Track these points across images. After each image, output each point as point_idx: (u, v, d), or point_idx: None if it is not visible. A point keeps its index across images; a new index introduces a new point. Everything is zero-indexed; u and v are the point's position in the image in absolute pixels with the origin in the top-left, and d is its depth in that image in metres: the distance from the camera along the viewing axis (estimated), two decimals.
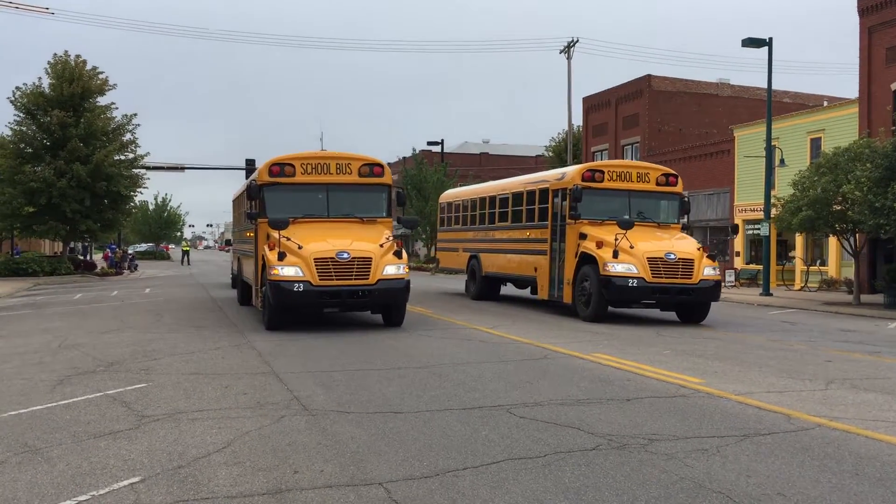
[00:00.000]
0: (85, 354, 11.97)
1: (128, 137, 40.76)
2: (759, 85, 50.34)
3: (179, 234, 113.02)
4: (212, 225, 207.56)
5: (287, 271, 14.00)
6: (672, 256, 16.40)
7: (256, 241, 16.12)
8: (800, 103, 47.40)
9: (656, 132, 47.30)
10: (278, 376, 9.86)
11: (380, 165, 16.33)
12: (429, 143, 57.79)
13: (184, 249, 72.79)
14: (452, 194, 28.79)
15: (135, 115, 41.18)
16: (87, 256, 53.38)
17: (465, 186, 28.76)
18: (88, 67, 39.74)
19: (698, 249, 16.96)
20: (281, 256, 14.07)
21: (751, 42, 29.60)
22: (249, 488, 5.44)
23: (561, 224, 18.48)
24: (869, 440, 6.70)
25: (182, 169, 53.45)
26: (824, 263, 34.87)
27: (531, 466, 5.90)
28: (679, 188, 19.01)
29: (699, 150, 41.16)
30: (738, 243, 37.91)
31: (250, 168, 43.66)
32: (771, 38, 29.59)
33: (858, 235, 26.24)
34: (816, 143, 34.81)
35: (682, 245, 17.06)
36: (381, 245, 14.62)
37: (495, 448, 6.41)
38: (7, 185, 37.49)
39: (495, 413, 7.69)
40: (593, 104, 52.83)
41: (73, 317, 18.46)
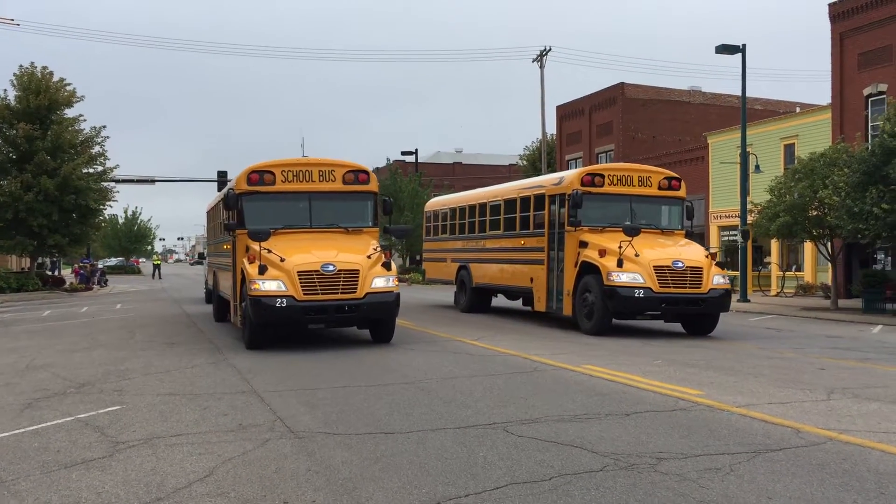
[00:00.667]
0: (54, 375, 11.43)
1: (96, 150, 39.84)
2: (730, 92, 50.73)
3: (150, 248, 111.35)
4: (183, 238, 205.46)
5: (268, 286, 13.20)
6: (680, 265, 15.48)
7: (234, 254, 15.28)
8: (771, 110, 47.75)
9: (630, 140, 47.38)
10: (259, 395, 9.43)
11: (365, 172, 15.56)
12: (403, 153, 57.47)
13: (155, 263, 71.64)
14: (439, 202, 27.43)
15: (104, 128, 40.32)
16: (56, 272, 52.28)
17: (453, 194, 27.60)
18: (55, 79, 38.88)
19: (706, 257, 16.13)
20: (262, 270, 13.31)
21: (725, 49, 29.66)
22: None
23: (559, 231, 17.54)
24: (886, 455, 6.42)
25: (153, 182, 52.63)
26: (800, 269, 34.99)
27: (537, 491, 5.54)
28: (682, 192, 18.17)
29: (673, 158, 41.18)
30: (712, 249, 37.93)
31: (222, 180, 42.96)
32: (744, 45, 29.67)
33: (835, 240, 26.29)
34: (790, 149, 34.97)
35: (690, 252, 16.20)
36: (369, 256, 13.90)
37: (496, 471, 6.04)
38: None
39: (491, 432, 7.33)
40: (567, 112, 52.85)
41: (42, 335, 17.83)
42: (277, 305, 13.10)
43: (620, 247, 15.52)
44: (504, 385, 9.92)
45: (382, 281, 13.75)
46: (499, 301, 23.55)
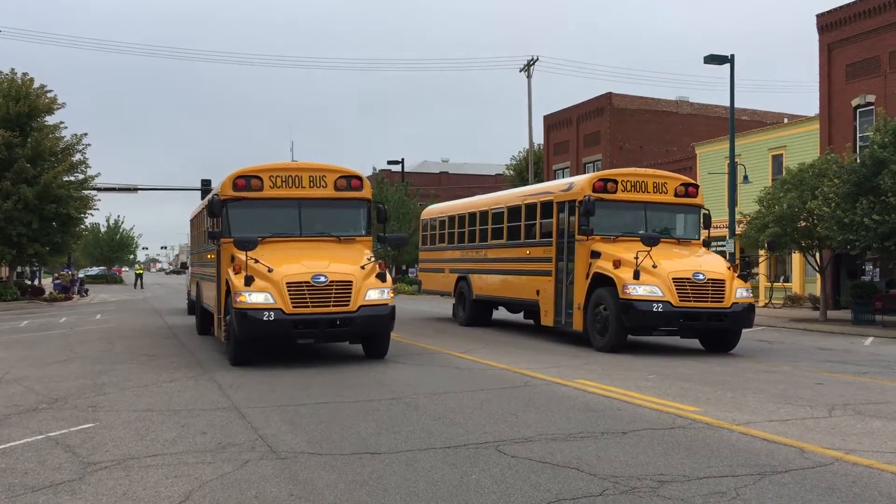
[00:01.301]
0: (27, 389, 11.00)
1: (77, 158, 39.39)
2: (717, 103, 50.79)
3: (133, 257, 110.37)
4: (166, 247, 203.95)
5: (255, 298, 12.37)
6: (701, 277, 14.44)
7: (219, 264, 14.36)
8: (758, 121, 47.80)
9: (618, 150, 47.27)
10: (240, 411, 9.05)
11: (358, 178, 14.72)
12: (389, 163, 57.13)
13: (137, 273, 70.93)
14: (437, 209, 26.12)
15: (85, 135, 39.84)
16: (36, 281, 51.55)
17: (452, 201, 26.27)
18: (36, 85, 38.41)
19: (728, 268, 15.17)
20: (248, 281, 12.45)
21: (713, 59, 29.53)
22: None
23: (569, 241, 16.36)
24: None
25: (135, 190, 52.02)
26: (787, 280, 34.90)
27: None
28: (699, 199, 17.04)
29: (661, 168, 41.00)
30: None
31: (206, 189, 42.46)
32: (733, 55, 29.56)
33: (823, 251, 26.18)
34: (778, 160, 34.95)
35: (711, 264, 15.16)
36: (363, 267, 13.09)
37: (490, 496, 5.71)
38: None
39: (483, 452, 6.99)
40: (554, 122, 52.73)
41: (18, 346, 17.34)
42: (264, 319, 12.30)
43: (637, 257, 14.45)
44: (495, 401, 9.59)
45: (377, 293, 12.96)
46: (498, 313, 22.48)
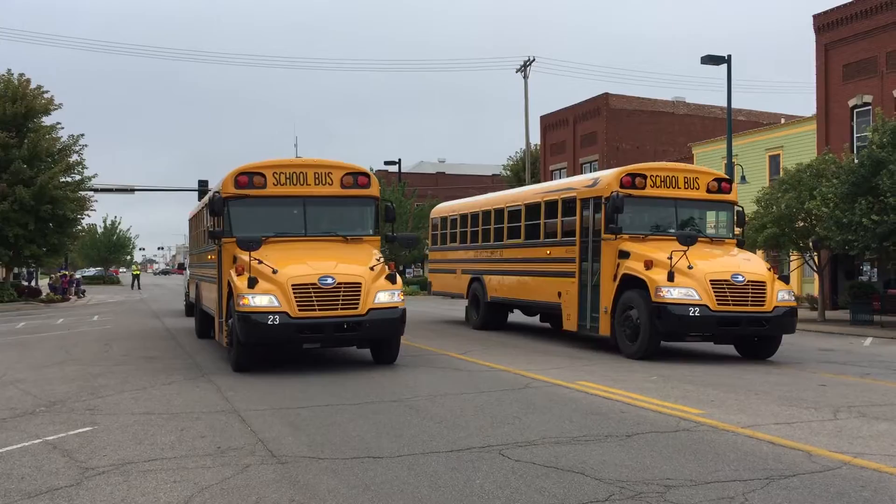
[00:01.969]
0: (24, 392, 10.89)
1: (74, 159, 39.28)
2: (714, 103, 50.81)
3: (130, 258, 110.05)
4: (163, 248, 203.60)
5: (259, 301, 11.81)
6: (740, 278, 13.43)
7: (220, 265, 13.79)
8: (754, 121, 47.82)
9: (614, 150, 47.22)
10: (240, 415, 8.96)
11: (366, 175, 14.09)
12: (386, 163, 57.02)
13: (134, 274, 70.71)
14: (448, 207, 24.77)
15: (82, 136, 39.74)
16: (33, 282, 51.37)
17: (465, 199, 24.92)
18: (33, 86, 38.25)
19: (769, 269, 14.08)
20: (252, 283, 11.89)
21: (710, 59, 29.51)
22: None
23: (594, 240, 15.33)
24: None
25: (132, 191, 51.82)
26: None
27: None
28: (734, 195, 16.09)
29: None
30: None
31: (203, 189, 42.28)
32: (730, 56, 29.52)
33: (822, 252, 26.14)
34: (775, 160, 34.92)
35: (750, 264, 14.13)
36: (372, 268, 12.51)
37: (495, 501, 5.62)
38: None
39: (486, 456, 6.91)
40: (551, 123, 52.68)
41: (14, 348, 17.22)
42: (269, 323, 11.72)
43: (671, 257, 13.44)
44: (496, 403, 9.51)
45: (387, 295, 12.37)
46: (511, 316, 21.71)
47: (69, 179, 38.88)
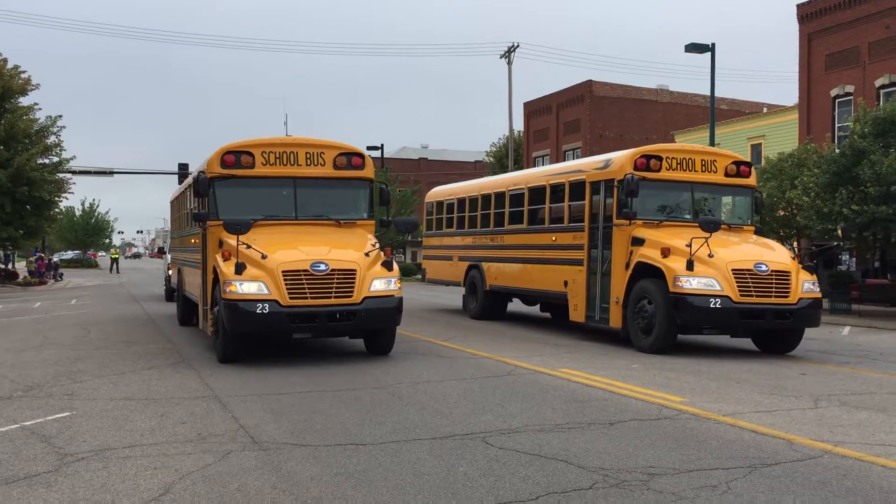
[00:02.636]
0: (1, 377, 10.75)
1: (52, 140, 38.76)
2: (697, 91, 50.90)
3: (108, 241, 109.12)
4: (142, 231, 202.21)
5: (247, 288, 11.16)
6: (764, 268, 12.63)
7: (205, 249, 13.07)
8: (736, 110, 48.05)
9: (598, 138, 47.30)
10: (220, 400, 8.89)
11: (360, 155, 13.45)
12: (368, 148, 56.68)
13: (112, 257, 70.17)
14: (444, 191, 23.59)
15: (59, 117, 39.17)
16: (10, 265, 50.82)
17: (463, 182, 23.89)
18: (10, 66, 37.66)
19: (793, 258, 13.44)
20: (239, 269, 11.21)
21: (694, 47, 29.50)
22: None
23: (604, 226, 14.47)
24: (888, 471, 6.09)
25: (111, 173, 51.34)
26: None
27: None
28: (752, 180, 15.25)
29: None
30: None
31: (183, 173, 41.92)
32: (713, 44, 29.56)
33: (802, 241, 26.34)
34: (757, 149, 35.13)
35: (773, 253, 13.33)
36: (367, 254, 11.89)
37: (478, 489, 5.61)
38: None
39: (470, 443, 6.89)
40: (534, 109, 52.66)
41: None
42: (258, 312, 11.08)
43: (689, 245, 12.70)
44: (479, 390, 9.50)
45: (383, 283, 11.79)
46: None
47: (47, 161, 38.38)
